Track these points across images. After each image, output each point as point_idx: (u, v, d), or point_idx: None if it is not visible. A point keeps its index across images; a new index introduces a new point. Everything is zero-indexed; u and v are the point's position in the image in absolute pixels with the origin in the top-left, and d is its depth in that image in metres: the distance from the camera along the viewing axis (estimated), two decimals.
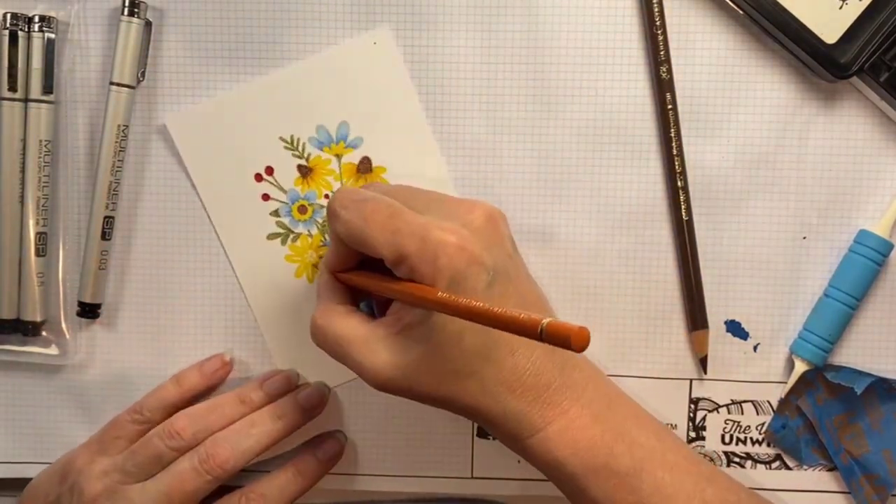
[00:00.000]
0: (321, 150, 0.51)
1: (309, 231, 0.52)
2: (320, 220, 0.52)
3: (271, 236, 0.52)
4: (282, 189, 0.51)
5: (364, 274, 0.46)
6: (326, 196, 0.51)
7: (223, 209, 0.52)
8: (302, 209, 0.52)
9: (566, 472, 0.43)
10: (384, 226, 0.42)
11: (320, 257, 0.52)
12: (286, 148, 0.51)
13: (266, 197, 0.52)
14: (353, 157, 0.51)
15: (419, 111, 0.50)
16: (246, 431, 0.49)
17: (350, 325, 0.44)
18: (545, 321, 0.34)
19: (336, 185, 0.51)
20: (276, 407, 0.50)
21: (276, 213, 0.52)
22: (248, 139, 0.51)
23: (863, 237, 0.50)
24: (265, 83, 0.50)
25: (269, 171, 0.51)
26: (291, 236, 0.52)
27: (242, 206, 0.51)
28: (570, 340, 0.33)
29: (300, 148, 0.51)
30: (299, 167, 0.51)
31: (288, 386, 0.51)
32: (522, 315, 0.35)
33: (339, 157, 0.51)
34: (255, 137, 0.51)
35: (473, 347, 0.42)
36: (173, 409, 0.51)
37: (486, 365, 0.42)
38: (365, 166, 0.51)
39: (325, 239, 0.52)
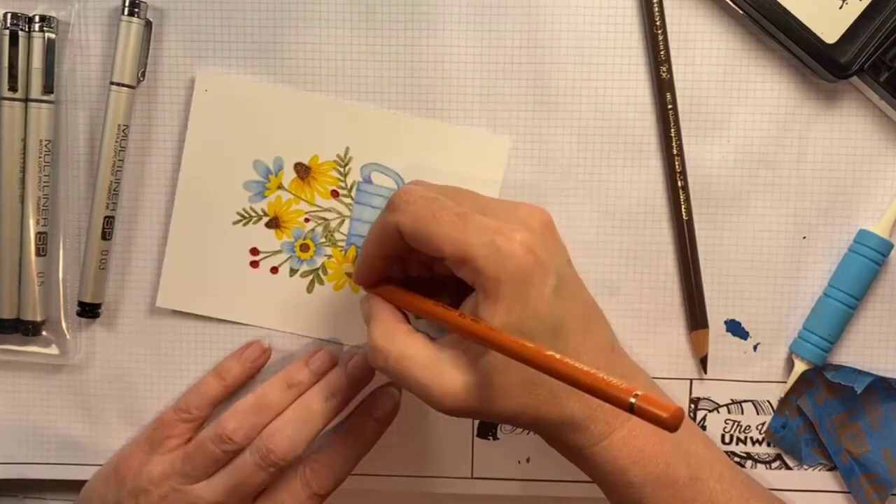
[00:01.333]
0: (264, 197, 0.51)
1: (326, 255, 0.52)
2: (324, 239, 0.51)
3: (309, 287, 0.52)
4: (276, 252, 0.52)
5: (421, 299, 0.44)
6: (307, 220, 0.51)
7: (256, 309, 0.52)
8: (304, 248, 0.52)
9: (626, 480, 0.43)
10: (452, 223, 0.41)
11: (352, 262, 0.52)
12: (244, 223, 0.51)
13: (274, 270, 0.52)
14: (290, 175, 0.51)
15: (290, 100, 0.50)
16: (301, 418, 0.48)
17: (415, 346, 0.43)
18: (638, 394, 0.33)
19: (302, 205, 0.51)
20: (327, 386, 0.49)
21: (293, 272, 0.52)
22: (218, 246, 0.51)
23: (863, 237, 0.50)
24: (317, 99, 0.50)
25: (255, 251, 0.52)
26: (320, 271, 0.52)
27: (270, 294, 0.52)
28: (665, 420, 0.32)
29: (254, 211, 0.51)
30: (267, 225, 0.51)
31: (332, 361, 0.51)
32: (612, 382, 0.34)
33: (280, 186, 0.51)
34: (224, 244, 0.51)
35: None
36: (218, 403, 0.51)
37: (550, 379, 0.41)
38: (302, 170, 0.51)
39: (342, 246, 0.52)
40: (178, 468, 0.48)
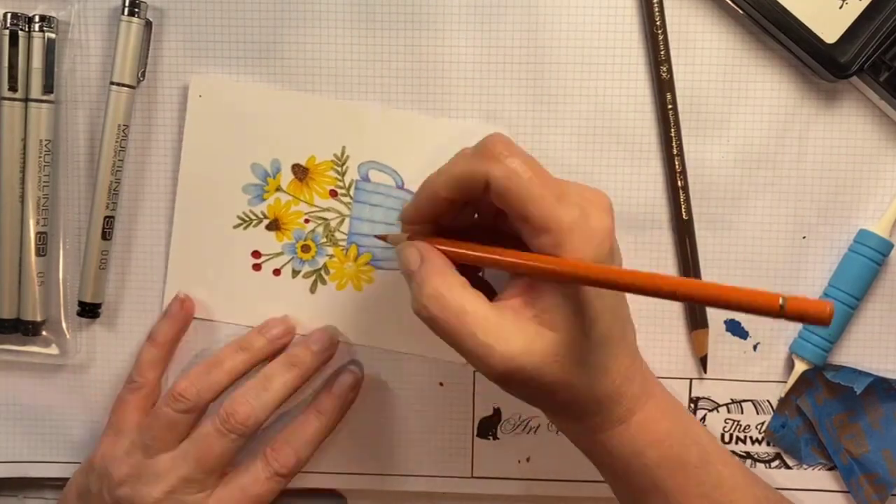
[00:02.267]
0: (263, 200, 0.51)
1: (328, 254, 0.52)
2: (324, 239, 0.51)
3: (312, 288, 0.52)
4: (277, 254, 0.52)
5: (482, 247, 0.41)
6: (307, 221, 0.51)
7: (259, 312, 0.52)
8: (305, 248, 0.52)
9: (642, 462, 0.43)
10: (552, 186, 0.39)
11: (355, 261, 0.52)
12: (244, 227, 0.51)
13: (277, 272, 0.52)
14: (287, 176, 0.51)
15: (279, 103, 0.50)
16: (263, 385, 0.49)
17: (476, 302, 0.40)
18: (785, 296, 0.32)
19: (302, 206, 0.51)
20: (289, 356, 0.50)
21: (296, 273, 0.52)
22: (222, 256, 0.52)
23: (863, 237, 0.50)
24: (314, 101, 0.50)
25: (257, 254, 0.52)
26: (323, 270, 0.52)
27: (273, 293, 0.52)
28: (824, 313, 0.31)
29: (255, 214, 0.51)
30: (268, 227, 0.51)
31: (287, 331, 0.51)
32: (758, 291, 0.33)
33: (279, 188, 0.51)
34: (225, 248, 0.51)
35: (605, 334, 0.41)
36: (159, 366, 0.51)
37: (602, 355, 0.41)
38: (300, 171, 0.51)
39: (343, 245, 0.51)
40: (137, 442, 0.49)
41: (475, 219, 0.44)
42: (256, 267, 0.52)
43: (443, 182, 0.41)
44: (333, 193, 0.51)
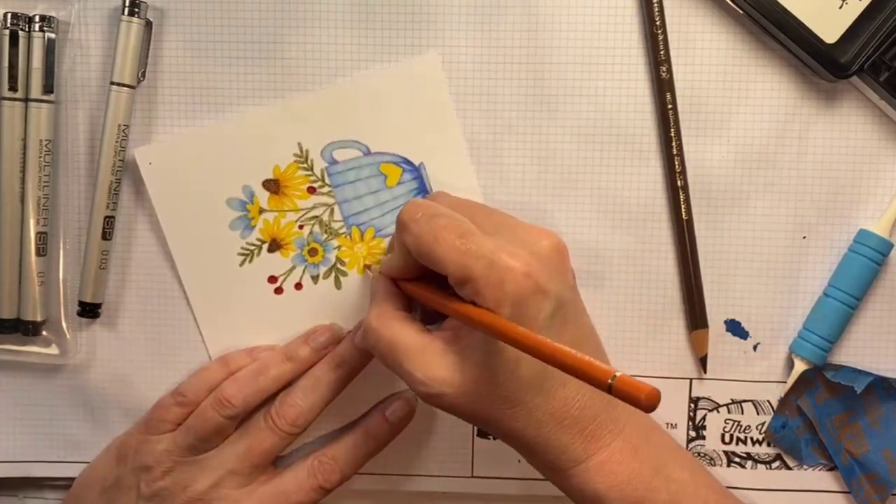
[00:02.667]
0: (252, 228, 0.51)
1: (336, 246, 0.52)
2: (324, 235, 0.52)
3: (337, 283, 0.52)
4: (290, 269, 0.52)
5: (428, 288, 0.45)
6: (301, 227, 0.51)
7: (301, 328, 0.52)
8: (312, 252, 0.52)
9: None
10: (454, 245, 0.41)
11: (367, 266, 0.52)
12: (246, 256, 0.52)
13: (299, 286, 0.52)
14: (264, 192, 0.51)
15: (459, 135, 0.51)
16: (310, 386, 0.50)
17: (407, 333, 0.44)
18: (616, 374, 0.33)
19: (289, 216, 0.51)
20: (334, 356, 0.50)
21: (315, 279, 0.52)
22: (240, 289, 0.52)
23: (863, 237, 0.50)
24: (246, 118, 0.51)
25: (273, 279, 0.52)
26: (338, 264, 0.52)
27: (302, 311, 0.52)
28: (640, 400, 0.32)
29: (253, 248, 0.52)
30: (270, 249, 0.52)
31: (333, 339, 0.51)
32: (594, 363, 0.34)
33: (261, 210, 0.51)
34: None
35: (527, 376, 0.42)
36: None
37: (537, 395, 0.42)
38: (272, 185, 0.51)
39: (345, 231, 0.51)
40: (180, 442, 0.49)
41: None
42: (278, 291, 0.52)
43: (393, 258, 0.46)
44: (312, 190, 0.51)
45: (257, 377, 0.50)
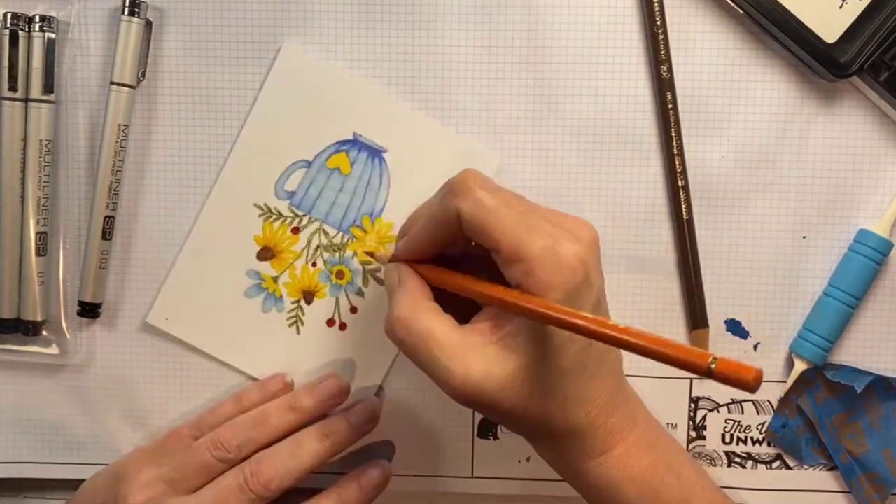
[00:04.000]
0: (263, 290, 0.52)
1: (355, 253, 0.52)
2: (336, 251, 0.52)
3: (375, 287, 0.52)
4: (329, 304, 0.52)
5: (456, 274, 0.42)
6: (317, 265, 0.52)
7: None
8: (339, 274, 0.52)
9: (620, 497, 0.43)
10: (514, 219, 0.39)
11: (368, 253, 0.51)
12: (271, 315, 0.52)
13: (343, 327, 0.52)
14: (252, 250, 0.52)
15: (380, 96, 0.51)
16: (292, 451, 0.48)
17: (442, 326, 0.41)
18: (716, 357, 0.32)
19: (290, 273, 0.52)
20: (325, 425, 0.49)
21: (354, 311, 0.52)
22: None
23: (863, 236, 0.50)
24: (204, 224, 0.51)
25: (332, 322, 0.52)
26: (372, 270, 0.52)
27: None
28: (749, 382, 0.31)
29: (273, 303, 0.52)
30: (306, 296, 0.52)
31: (339, 390, 0.50)
32: (691, 348, 0.33)
33: (259, 273, 0.52)
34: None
35: (568, 366, 0.41)
36: None
37: (572, 384, 0.41)
38: (266, 254, 0.52)
39: (345, 240, 0.52)
40: (165, 475, 0.48)
41: (472, 246, 0.44)
42: (342, 327, 0.52)
43: (422, 226, 0.43)
44: (296, 230, 0.52)
45: (256, 426, 0.49)
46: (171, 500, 0.47)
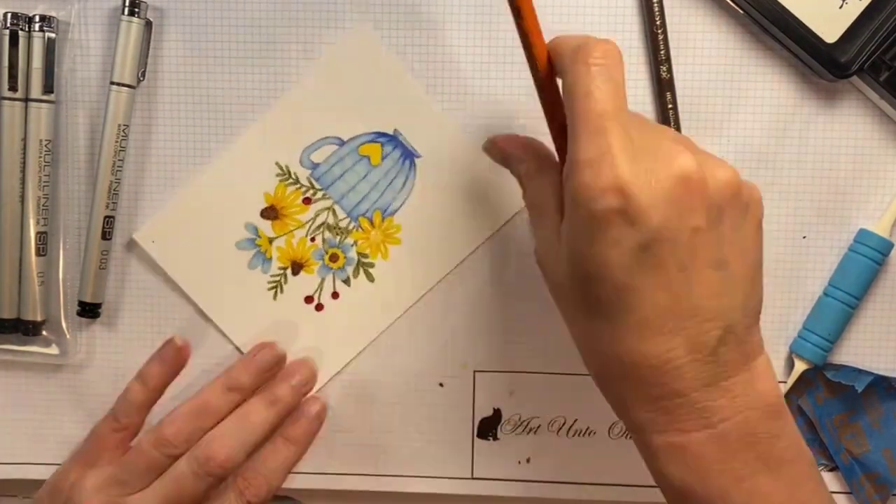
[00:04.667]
0: (264, 264, 0.52)
1: (353, 242, 0.52)
2: (338, 235, 0.52)
3: (359, 278, 0.52)
4: (318, 284, 0.52)
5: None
6: (312, 239, 0.52)
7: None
8: (333, 257, 0.52)
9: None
10: (608, 119, 0.36)
11: (380, 232, 0.52)
12: (272, 287, 0.52)
13: (335, 294, 0.52)
14: (271, 230, 0.52)
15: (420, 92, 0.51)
16: (240, 425, 0.48)
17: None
18: None
19: (298, 233, 0.52)
20: (270, 393, 0.49)
21: (346, 282, 0.52)
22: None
23: (863, 236, 0.50)
24: (220, 163, 0.51)
25: (310, 299, 0.52)
26: (362, 260, 0.52)
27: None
28: None
29: (281, 277, 0.52)
30: (291, 267, 0.52)
31: (275, 360, 0.50)
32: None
33: (270, 239, 0.52)
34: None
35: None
36: (146, 408, 0.50)
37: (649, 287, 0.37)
38: (270, 212, 0.51)
39: (348, 222, 0.51)
40: (114, 477, 0.48)
41: None
42: (319, 307, 0.52)
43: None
44: (307, 200, 0.51)
45: (198, 415, 0.48)
46: (127, 500, 0.47)
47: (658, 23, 0.49)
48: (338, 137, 0.51)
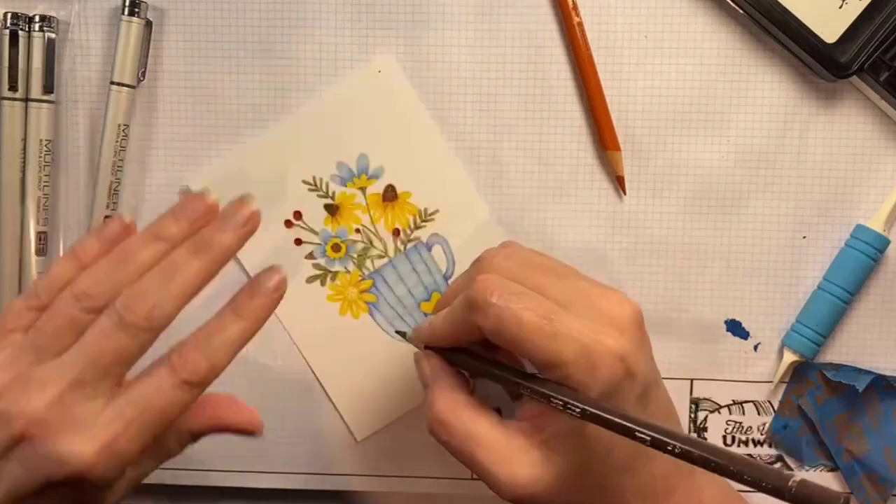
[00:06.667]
0: (345, 186, 0.51)
1: (346, 268, 0.52)
2: (355, 255, 0.52)
3: (310, 279, 0.52)
4: (313, 231, 0.52)
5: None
6: (357, 231, 0.52)
7: (258, 259, 0.52)
8: (336, 247, 0.52)
9: None
10: (540, 328, 0.38)
11: (361, 292, 0.52)
12: (311, 190, 0.51)
13: (298, 241, 0.52)
14: (377, 188, 0.51)
15: (433, 130, 0.51)
16: (167, 273, 0.39)
17: (483, 427, 0.40)
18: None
19: (365, 218, 0.52)
20: (197, 239, 0.40)
21: (311, 256, 0.52)
22: (272, 188, 0.51)
23: (859, 232, 0.50)
24: (278, 132, 0.51)
25: (298, 215, 0.52)
26: (329, 275, 0.52)
27: (277, 254, 0.52)
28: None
29: (324, 188, 0.51)
30: (326, 206, 0.51)
31: (206, 209, 0.41)
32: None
33: (363, 189, 0.51)
34: (278, 185, 0.51)
35: (620, 460, 0.39)
36: None
37: (628, 476, 0.40)
38: (390, 194, 0.51)
39: (362, 273, 0.52)
40: (27, 344, 0.39)
41: None
42: (288, 224, 0.52)
43: (447, 330, 0.42)
44: (396, 232, 0.52)
45: (120, 265, 0.40)
46: (41, 368, 0.38)
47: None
48: (454, 269, 0.52)
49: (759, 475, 0.31)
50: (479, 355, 0.42)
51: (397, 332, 0.51)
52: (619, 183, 0.50)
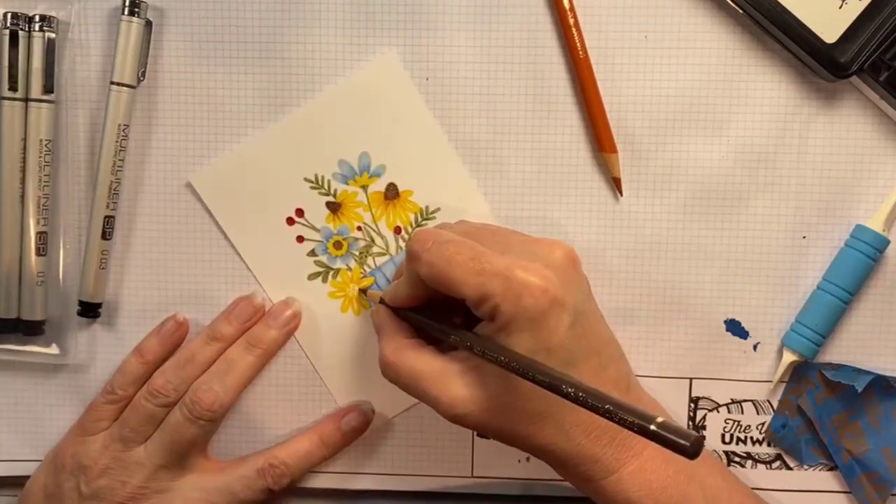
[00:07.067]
0: (346, 183, 0.51)
1: (347, 265, 0.52)
2: (356, 253, 0.52)
3: (311, 276, 0.52)
4: (314, 228, 0.52)
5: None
6: (359, 228, 0.52)
7: (261, 257, 0.52)
8: (337, 245, 0.52)
9: None
10: (468, 267, 0.41)
11: (361, 290, 0.52)
12: (312, 188, 0.51)
13: (301, 238, 0.52)
14: (379, 186, 0.51)
15: (435, 128, 0.51)
16: (224, 370, 0.50)
17: (423, 360, 0.44)
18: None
19: (366, 216, 0.52)
20: (249, 337, 0.51)
21: (312, 253, 0.52)
22: (274, 185, 0.51)
23: (859, 232, 0.50)
24: (280, 129, 0.51)
25: (300, 213, 0.52)
26: (331, 272, 0.52)
27: (279, 251, 0.52)
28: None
29: (326, 185, 0.51)
30: (328, 204, 0.51)
31: (254, 310, 0.51)
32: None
33: (364, 187, 0.51)
34: (280, 182, 0.51)
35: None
36: (142, 381, 0.51)
37: (564, 406, 0.41)
38: (392, 193, 0.51)
39: (364, 270, 0.52)
40: (116, 436, 0.50)
41: None
42: (290, 221, 0.52)
43: (402, 285, 0.46)
44: (398, 230, 0.52)
45: (185, 365, 0.50)
46: (132, 453, 0.50)
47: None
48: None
49: (625, 415, 0.33)
50: (420, 311, 0.46)
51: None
52: (615, 185, 0.51)
